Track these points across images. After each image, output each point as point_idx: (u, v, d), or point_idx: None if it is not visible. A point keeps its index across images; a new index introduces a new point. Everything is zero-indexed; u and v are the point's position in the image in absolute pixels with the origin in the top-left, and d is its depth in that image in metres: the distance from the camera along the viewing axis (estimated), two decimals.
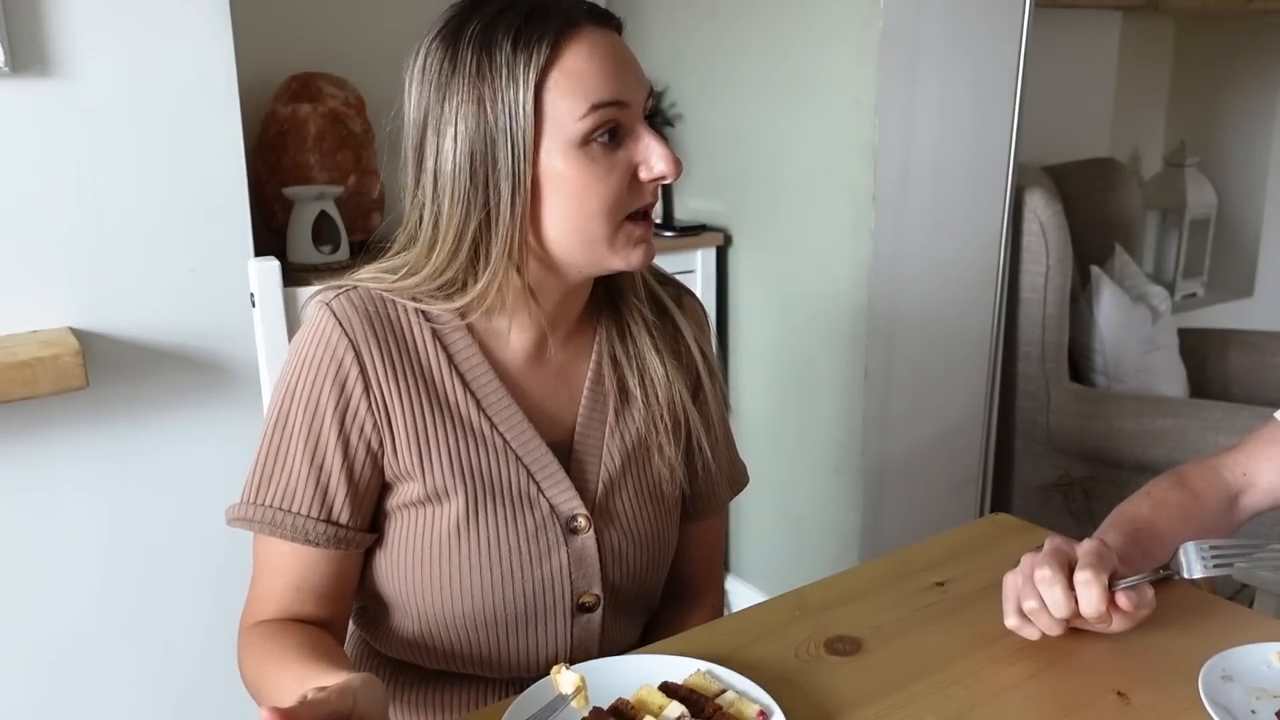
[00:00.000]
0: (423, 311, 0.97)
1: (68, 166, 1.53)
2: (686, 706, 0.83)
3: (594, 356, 1.05)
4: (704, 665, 0.90)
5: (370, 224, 2.04)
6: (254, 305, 1.28)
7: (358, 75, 2.02)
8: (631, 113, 0.92)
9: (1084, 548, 0.94)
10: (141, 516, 1.68)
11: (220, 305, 1.66)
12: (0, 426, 1.55)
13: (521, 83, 0.88)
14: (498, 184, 0.90)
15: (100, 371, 1.58)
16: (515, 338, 1.00)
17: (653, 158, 0.92)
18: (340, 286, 0.99)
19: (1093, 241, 2.74)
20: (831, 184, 2.07)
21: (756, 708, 0.85)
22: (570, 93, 0.89)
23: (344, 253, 1.91)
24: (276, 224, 1.95)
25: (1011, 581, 0.96)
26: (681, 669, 0.90)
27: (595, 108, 0.89)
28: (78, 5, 1.50)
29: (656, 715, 0.83)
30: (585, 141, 0.90)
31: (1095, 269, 2.65)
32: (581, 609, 1.02)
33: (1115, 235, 2.84)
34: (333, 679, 0.76)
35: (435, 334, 0.97)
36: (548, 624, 1.01)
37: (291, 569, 0.96)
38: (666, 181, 0.94)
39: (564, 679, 0.83)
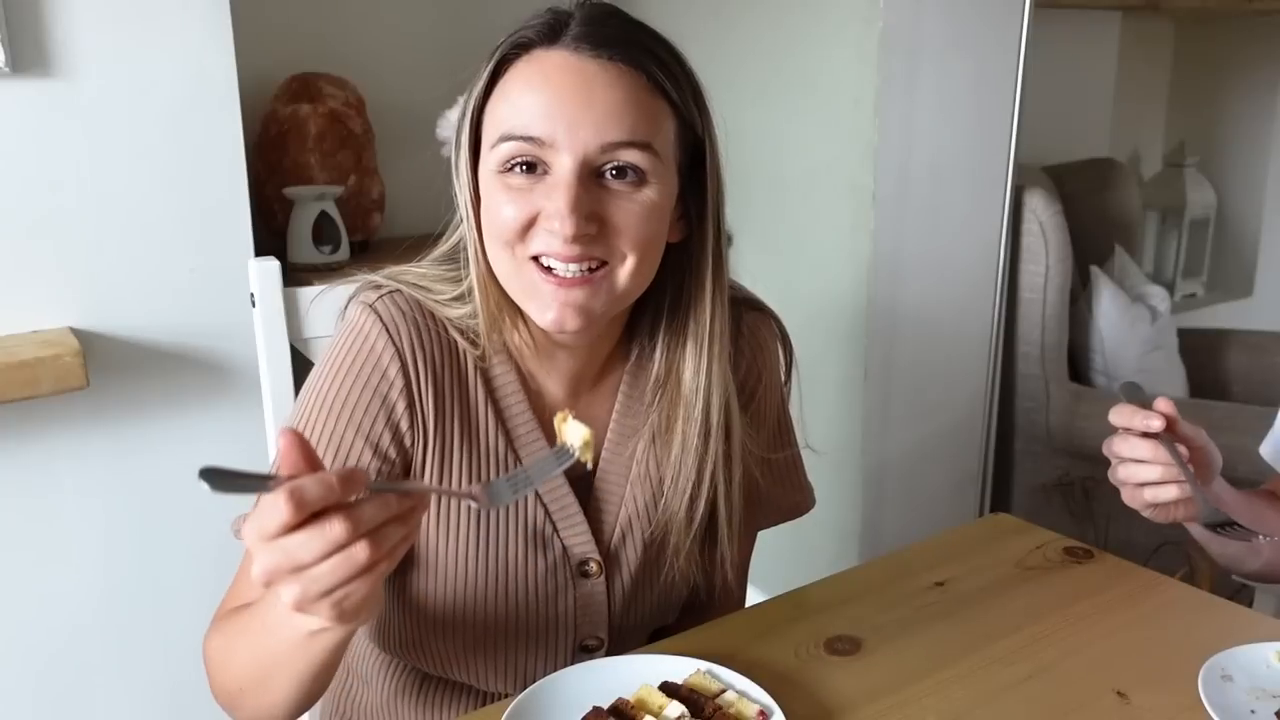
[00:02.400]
0: (467, 331, 0.92)
1: (68, 167, 1.53)
2: (686, 706, 0.83)
3: (620, 401, 0.99)
4: (704, 665, 0.90)
5: (370, 224, 2.04)
6: (254, 305, 1.28)
7: (358, 75, 2.02)
8: (555, 153, 0.82)
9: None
10: (142, 516, 1.68)
11: (220, 305, 1.66)
12: (0, 426, 1.55)
13: (473, 93, 0.86)
14: (459, 190, 0.89)
15: (100, 371, 1.58)
16: (548, 380, 0.96)
17: (550, 212, 0.82)
18: (381, 287, 0.92)
19: (1093, 241, 2.74)
20: (831, 184, 2.07)
21: (756, 708, 0.85)
22: (496, 115, 0.85)
23: (344, 253, 1.90)
24: (276, 224, 1.95)
25: (1124, 494, 1.02)
26: (681, 669, 0.90)
27: (504, 139, 0.83)
28: (78, 5, 1.50)
29: (656, 715, 0.83)
30: (501, 169, 0.84)
31: (1095, 269, 2.65)
32: (583, 650, 1.01)
33: (1115, 235, 2.84)
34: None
35: (475, 347, 0.92)
36: (547, 660, 1.00)
37: None
38: (557, 234, 0.82)
39: (570, 429, 0.77)
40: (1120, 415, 1.02)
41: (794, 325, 2.25)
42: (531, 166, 0.83)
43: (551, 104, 0.82)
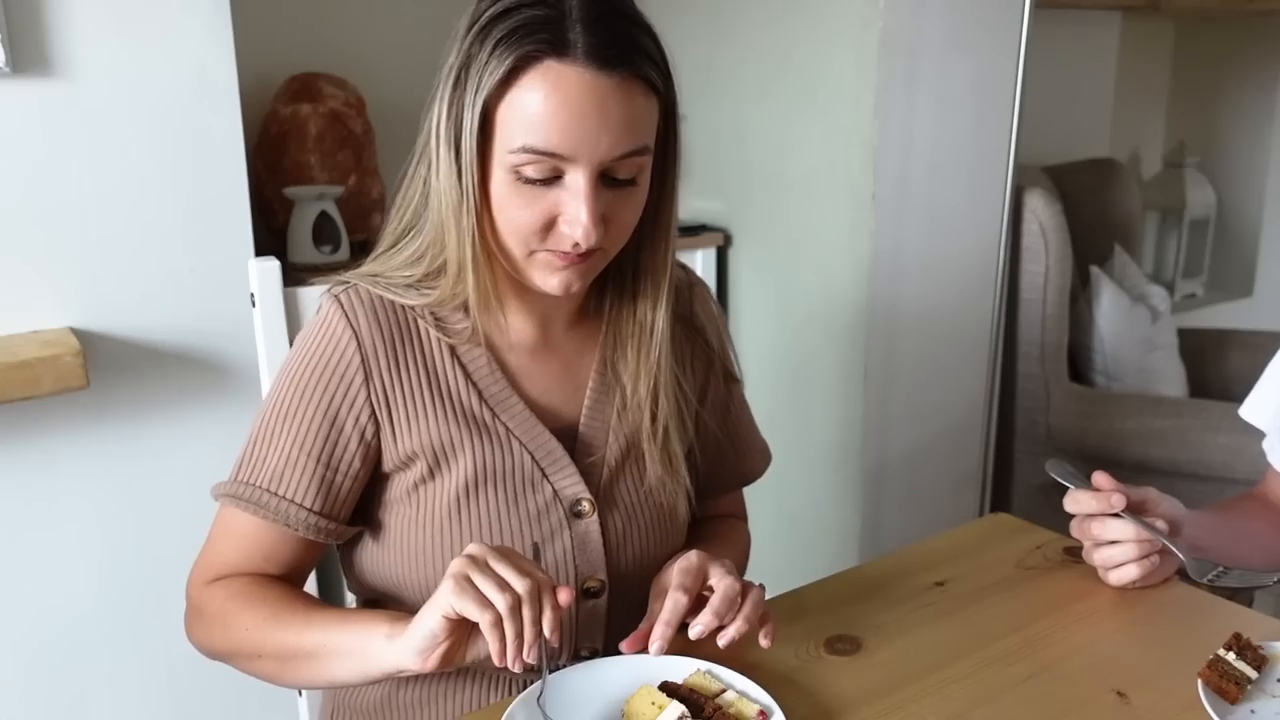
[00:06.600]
0: (430, 311, 0.99)
1: (68, 166, 1.53)
2: (686, 706, 0.83)
3: (600, 347, 1.05)
4: (704, 665, 0.90)
5: (371, 224, 2.04)
6: (254, 305, 1.28)
7: (358, 75, 2.02)
8: (576, 166, 0.88)
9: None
10: (142, 516, 1.68)
11: (220, 305, 1.66)
12: (1, 426, 1.55)
13: (480, 89, 0.88)
14: (453, 166, 0.91)
15: (101, 371, 1.58)
16: (515, 328, 1.02)
17: (571, 220, 0.89)
18: (346, 282, 1.01)
19: (1093, 241, 2.74)
20: (831, 184, 2.07)
21: (756, 707, 0.85)
22: (512, 122, 0.88)
23: (344, 253, 1.91)
24: (276, 224, 1.95)
25: (1101, 574, 1.07)
26: (681, 669, 0.90)
27: (525, 150, 0.87)
28: (78, 5, 1.50)
29: (713, 697, 0.84)
30: (516, 174, 0.89)
31: (1095, 269, 2.65)
32: (586, 594, 1.03)
33: (1115, 235, 2.85)
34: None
35: (440, 326, 0.99)
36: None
37: (259, 539, 0.99)
38: (580, 248, 0.91)
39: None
40: (1080, 503, 1.06)
41: (794, 325, 2.27)
42: (546, 174, 0.89)
43: (571, 123, 0.86)
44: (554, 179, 0.89)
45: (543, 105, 0.86)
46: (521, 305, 1.01)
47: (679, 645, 0.93)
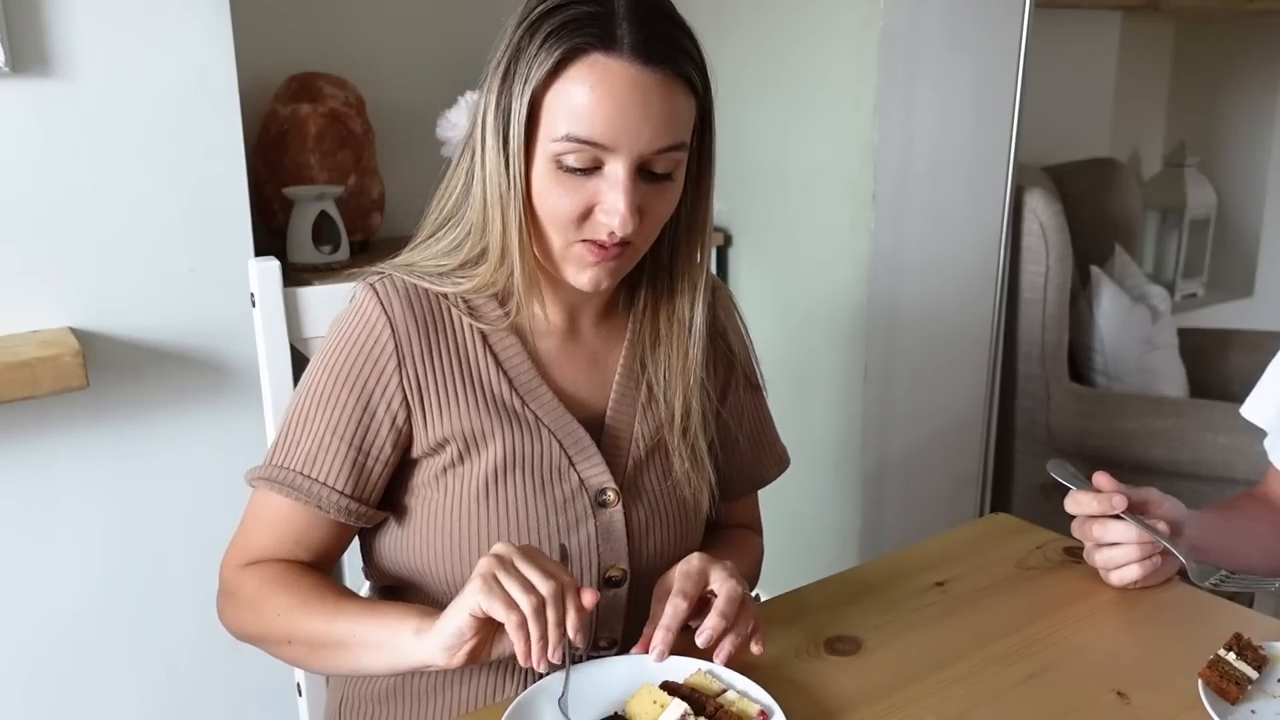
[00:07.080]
0: (463, 299, 1.01)
1: (67, 166, 1.53)
2: (688, 705, 0.83)
3: (627, 343, 1.07)
4: (705, 665, 0.90)
5: (370, 224, 2.04)
6: (254, 305, 1.28)
7: (358, 75, 2.02)
8: (616, 156, 0.91)
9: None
10: (141, 516, 1.68)
11: (220, 305, 1.66)
12: (0, 426, 1.55)
13: (528, 79, 0.91)
14: (501, 154, 0.93)
15: (100, 371, 1.58)
16: (548, 317, 1.04)
17: (609, 209, 0.92)
18: (381, 272, 1.03)
19: (1093, 241, 2.74)
20: (831, 184, 2.07)
21: (757, 707, 0.85)
22: (557, 111, 0.91)
23: (344, 253, 1.91)
24: (276, 224, 1.95)
25: (1102, 575, 1.07)
26: (682, 668, 0.90)
27: (568, 139, 0.90)
28: (78, 5, 1.50)
29: (715, 696, 0.84)
30: (558, 162, 0.92)
31: (1095, 269, 2.65)
32: (608, 583, 1.04)
33: (1115, 235, 2.84)
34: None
35: (472, 314, 1.01)
36: None
37: (291, 522, 1.01)
38: (615, 237, 0.93)
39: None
40: (1081, 505, 1.06)
41: (794, 325, 2.27)
42: (586, 163, 0.92)
43: (614, 115, 0.90)
44: (594, 169, 0.92)
45: (588, 96, 0.89)
46: (554, 296, 1.03)
47: (680, 645, 0.93)
